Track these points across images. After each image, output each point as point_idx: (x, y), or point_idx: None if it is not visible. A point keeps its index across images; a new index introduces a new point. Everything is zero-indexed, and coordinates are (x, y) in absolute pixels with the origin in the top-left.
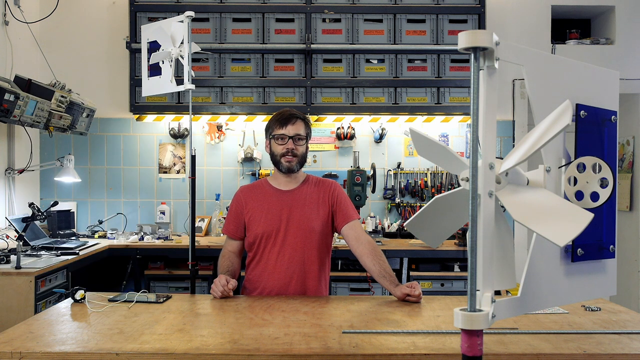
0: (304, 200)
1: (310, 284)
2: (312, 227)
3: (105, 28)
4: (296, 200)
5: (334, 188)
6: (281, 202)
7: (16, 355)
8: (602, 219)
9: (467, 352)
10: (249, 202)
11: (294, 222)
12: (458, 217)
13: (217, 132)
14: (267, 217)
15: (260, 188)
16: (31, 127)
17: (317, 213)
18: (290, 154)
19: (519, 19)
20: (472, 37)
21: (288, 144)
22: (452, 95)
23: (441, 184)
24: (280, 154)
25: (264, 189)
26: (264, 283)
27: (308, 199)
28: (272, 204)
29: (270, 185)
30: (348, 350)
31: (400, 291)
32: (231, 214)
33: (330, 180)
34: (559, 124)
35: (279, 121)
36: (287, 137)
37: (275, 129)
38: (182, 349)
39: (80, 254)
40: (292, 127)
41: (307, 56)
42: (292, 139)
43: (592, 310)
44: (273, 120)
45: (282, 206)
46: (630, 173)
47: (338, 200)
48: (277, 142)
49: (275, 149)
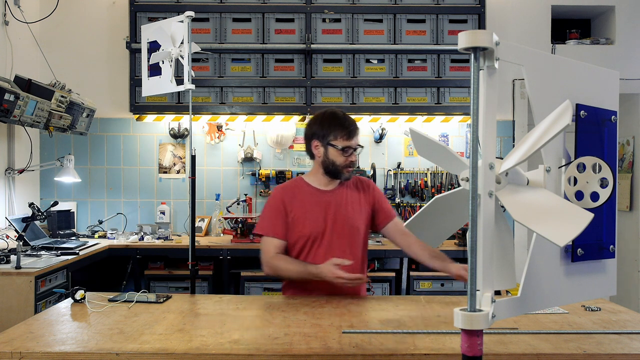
0: (346, 200)
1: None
2: (357, 227)
3: (105, 28)
4: (339, 201)
5: (373, 187)
6: (324, 203)
7: (16, 355)
8: (602, 219)
9: (467, 352)
10: (291, 202)
11: (339, 222)
12: (458, 217)
13: (217, 132)
14: (311, 218)
15: (299, 188)
16: (31, 127)
17: (360, 213)
18: (352, 165)
19: (519, 19)
20: (472, 37)
21: (352, 156)
22: (452, 95)
23: (441, 184)
24: (343, 165)
25: (304, 189)
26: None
27: (349, 198)
28: (314, 204)
29: (308, 185)
30: (348, 350)
31: (457, 268)
32: (274, 214)
33: (367, 178)
34: (559, 124)
35: (344, 131)
36: (352, 149)
37: (339, 139)
38: (182, 349)
39: (80, 254)
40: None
41: (307, 56)
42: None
43: (592, 310)
44: (333, 126)
45: (325, 206)
46: (630, 173)
47: (378, 199)
48: (340, 153)
49: (337, 159)
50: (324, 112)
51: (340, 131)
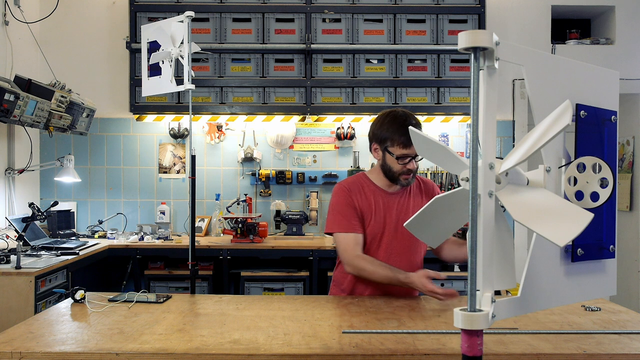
0: (408, 206)
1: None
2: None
3: (105, 28)
4: (402, 205)
5: (435, 190)
6: (388, 204)
7: (16, 355)
8: (602, 219)
9: (467, 352)
10: (356, 199)
11: (400, 227)
12: (458, 217)
13: (217, 132)
14: (375, 217)
15: (364, 185)
16: (31, 127)
17: None
18: (409, 172)
19: (519, 19)
20: (472, 37)
21: (410, 164)
22: (452, 95)
23: (441, 184)
24: (399, 173)
25: (369, 187)
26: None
27: (412, 203)
28: (379, 204)
29: (373, 184)
30: (348, 350)
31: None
32: (346, 209)
33: (431, 181)
34: (559, 124)
35: (403, 138)
36: (410, 157)
37: (396, 146)
38: (182, 349)
39: (80, 254)
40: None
41: (307, 56)
42: (414, 159)
43: (592, 310)
44: (393, 131)
45: (389, 208)
46: (630, 173)
47: None
48: (397, 160)
49: (394, 166)
50: (388, 113)
51: (398, 138)
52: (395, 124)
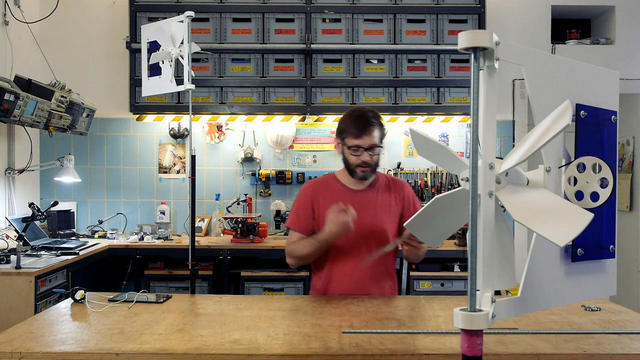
0: (376, 201)
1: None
2: (385, 229)
3: (105, 28)
4: (368, 201)
5: (405, 189)
6: (352, 202)
7: (16, 355)
8: (602, 219)
9: (467, 352)
10: (319, 197)
11: (366, 223)
12: (458, 217)
13: (217, 132)
14: None
15: (330, 184)
16: (31, 127)
17: (389, 214)
18: (365, 165)
19: (519, 19)
20: (472, 37)
21: (363, 155)
22: (452, 95)
23: (441, 184)
24: (355, 164)
25: (334, 186)
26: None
27: (380, 200)
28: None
29: (339, 182)
30: (348, 350)
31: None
32: (300, 207)
33: (401, 180)
34: (559, 124)
35: (354, 129)
36: (362, 148)
37: (349, 137)
38: (182, 349)
39: (80, 254)
40: (368, 138)
41: (307, 56)
42: (368, 150)
43: (592, 310)
44: (348, 123)
45: (353, 205)
46: (630, 173)
47: (406, 204)
48: (351, 152)
49: (349, 158)
50: (350, 109)
51: (350, 129)
52: (351, 117)
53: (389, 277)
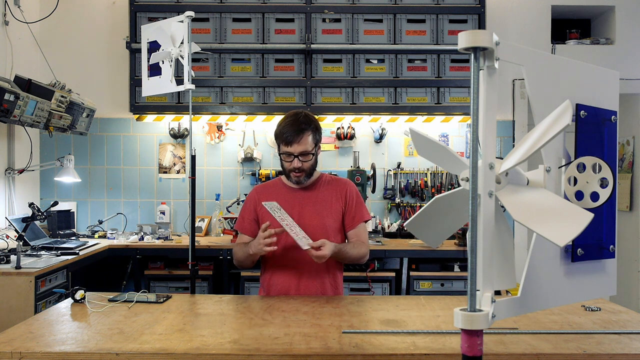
0: (316, 198)
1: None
2: (325, 224)
3: (105, 28)
4: (308, 198)
5: (347, 187)
6: (293, 200)
7: (16, 355)
8: (602, 219)
9: (467, 352)
10: (262, 199)
11: (306, 218)
12: (458, 217)
13: (217, 132)
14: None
15: (274, 187)
16: (31, 127)
17: (330, 210)
18: (298, 171)
19: (519, 19)
20: (472, 37)
21: (294, 162)
22: (452, 95)
23: (441, 184)
24: (288, 170)
25: (278, 187)
26: (276, 281)
27: (320, 196)
28: (283, 201)
29: (283, 184)
30: (348, 350)
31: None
32: (244, 211)
33: (344, 179)
34: (559, 124)
35: (285, 137)
36: (293, 155)
37: (281, 144)
38: (182, 349)
39: (80, 254)
40: (298, 146)
41: (307, 56)
42: (300, 156)
43: (592, 310)
44: (280, 129)
45: (293, 204)
46: (630, 173)
47: (349, 201)
48: (283, 159)
49: (284, 163)
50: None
51: (280, 138)
52: (284, 123)
53: (328, 274)
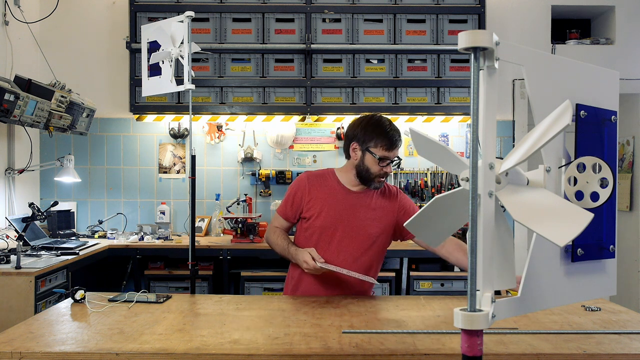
0: (368, 206)
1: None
2: (371, 234)
3: (105, 28)
4: (361, 204)
5: (400, 196)
6: (346, 202)
7: (16, 355)
8: (602, 219)
9: (467, 352)
10: (313, 191)
11: (353, 225)
12: (458, 217)
13: (217, 132)
14: (328, 212)
15: (327, 180)
16: (31, 127)
17: (380, 220)
18: (385, 175)
19: (519, 19)
20: (472, 37)
21: (388, 168)
22: (452, 95)
23: (441, 184)
24: (376, 174)
25: (331, 183)
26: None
27: (372, 205)
28: (336, 200)
29: (337, 181)
30: (348, 350)
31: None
32: (290, 196)
33: (394, 187)
34: (559, 124)
35: (387, 141)
36: (389, 160)
37: (379, 148)
38: (182, 349)
39: (80, 254)
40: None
41: (307, 56)
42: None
43: (592, 310)
44: (378, 134)
45: (345, 206)
46: (630, 173)
47: (404, 208)
48: (376, 161)
49: (372, 167)
50: (371, 116)
51: (382, 140)
52: (380, 128)
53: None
